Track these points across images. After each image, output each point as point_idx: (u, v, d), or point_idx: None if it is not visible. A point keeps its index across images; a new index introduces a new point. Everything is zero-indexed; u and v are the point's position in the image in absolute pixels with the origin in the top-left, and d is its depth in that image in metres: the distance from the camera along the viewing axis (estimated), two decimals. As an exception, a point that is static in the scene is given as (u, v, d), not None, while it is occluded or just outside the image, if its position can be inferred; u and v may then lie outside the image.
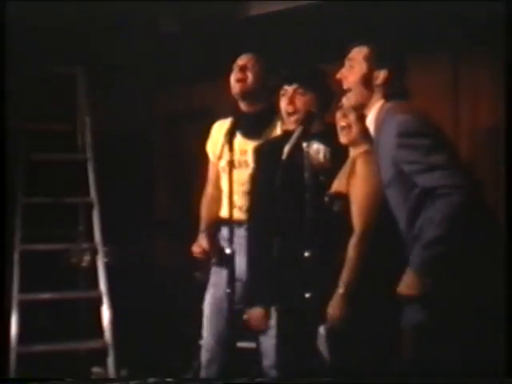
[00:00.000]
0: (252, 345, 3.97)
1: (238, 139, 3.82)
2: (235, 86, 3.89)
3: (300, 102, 3.56)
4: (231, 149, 3.63)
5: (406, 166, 2.93)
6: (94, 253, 4.72)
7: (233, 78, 3.92)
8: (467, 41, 4.53)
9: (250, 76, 3.88)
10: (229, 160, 3.70)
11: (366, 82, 3.10)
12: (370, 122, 3.11)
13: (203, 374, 3.90)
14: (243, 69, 3.89)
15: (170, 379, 3.57)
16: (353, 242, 3.25)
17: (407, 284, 2.90)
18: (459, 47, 4.67)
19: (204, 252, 3.94)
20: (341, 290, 3.21)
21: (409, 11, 4.29)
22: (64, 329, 4.77)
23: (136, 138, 5.58)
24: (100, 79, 5.12)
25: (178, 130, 5.75)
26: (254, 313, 3.59)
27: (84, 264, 4.93)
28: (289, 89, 3.58)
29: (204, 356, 3.91)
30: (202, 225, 4.02)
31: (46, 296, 4.57)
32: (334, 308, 3.22)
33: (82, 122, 4.94)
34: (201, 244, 3.95)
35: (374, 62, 3.09)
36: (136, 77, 5.48)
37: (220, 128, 4.01)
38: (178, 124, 5.77)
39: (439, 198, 2.83)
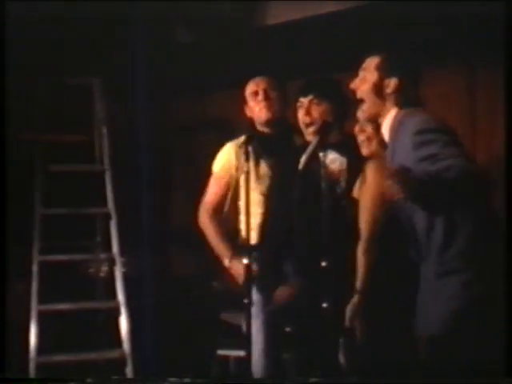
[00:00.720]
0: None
1: (254, 158, 3.82)
2: (262, 113, 3.85)
3: (316, 112, 3.58)
4: (247, 159, 3.65)
5: (423, 162, 2.87)
6: (112, 263, 4.73)
7: (256, 105, 3.87)
8: (481, 46, 4.53)
9: (274, 103, 3.85)
10: (246, 171, 3.71)
11: (378, 90, 3.10)
12: (385, 129, 3.11)
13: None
14: (266, 96, 3.85)
15: (188, 379, 3.57)
16: (360, 248, 3.26)
17: None
18: (473, 54, 4.66)
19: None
20: (357, 299, 3.22)
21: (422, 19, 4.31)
22: (82, 339, 4.78)
23: (153, 148, 5.59)
24: (116, 90, 5.14)
25: (194, 140, 5.77)
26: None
27: (102, 274, 4.96)
28: (304, 100, 3.61)
29: None
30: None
31: (65, 306, 4.59)
32: (351, 317, 3.22)
33: (99, 133, 4.97)
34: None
35: (384, 71, 3.09)
36: (151, 87, 5.50)
37: (233, 147, 3.99)
38: (194, 134, 5.78)
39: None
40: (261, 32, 4.90)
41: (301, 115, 3.61)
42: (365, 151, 3.40)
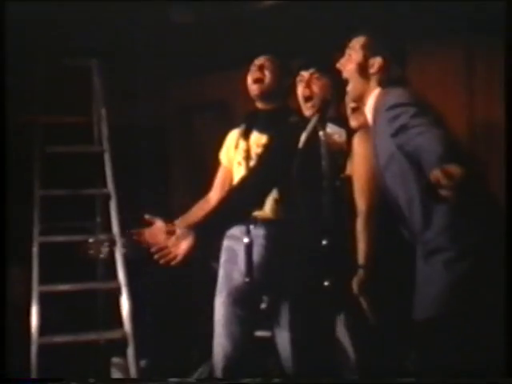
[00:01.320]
0: (268, 334, 3.97)
1: (254, 135, 3.85)
2: (253, 87, 3.90)
3: (316, 86, 3.61)
4: (248, 137, 3.67)
5: (397, 137, 2.88)
6: (112, 244, 4.74)
7: (250, 78, 3.92)
8: (480, 27, 4.53)
9: (267, 75, 3.89)
10: (245, 149, 3.73)
11: (362, 70, 3.10)
12: (369, 108, 3.12)
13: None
14: (261, 68, 3.89)
15: (190, 379, 3.58)
16: (359, 223, 3.25)
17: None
18: (472, 34, 4.66)
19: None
20: (361, 273, 3.23)
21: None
22: (84, 320, 4.80)
23: (151, 129, 5.59)
24: (115, 71, 5.14)
25: (192, 120, 5.77)
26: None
27: (102, 255, 4.96)
28: (305, 74, 3.64)
29: (219, 357, 3.83)
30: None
31: (66, 287, 4.59)
32: (357, 292, 3.22)
33: (98, 114, 4.96)
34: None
35: (369, 51, 3.10)
36: (150, 68, 5.50)
37: (235, 135, 4.02)
38: (192, 115, 5.78)
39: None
40: (257, 13, 4.90)
41: (301, 89, 3.63)
42: (353, 123, 3.41)
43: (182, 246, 3.33)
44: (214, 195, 4.04)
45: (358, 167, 3.30)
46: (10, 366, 3.66)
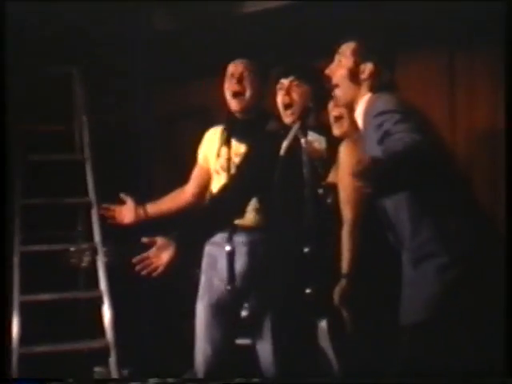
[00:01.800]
0: (249, 341, 3.96)
1: (233, 144, 3.84)
2: (233, 102, 3.87)
3: (296, 93, 3.60)
4: (229, 146, 3.66)
5: (382, 143, 2.85)
6: (94, 253, 4.71)
7: (229, 91, 3.89)
8: (465, 34, 4.54)
9: (247, 88, 3.86)
10: (227, 158, 3.72)
11: (353, 76, 3.09)
12: (359, 114, 3.11)
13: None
14: (240, 81, 3.87)
15: (171, 379, 3.57)
16: (345, 231, 3.25)
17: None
18: (456, 41, 4.67)
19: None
20: (343, 282, 3.22)
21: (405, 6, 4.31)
22: (65, 329, 4.76)
23: (134, 137, 5.56)
24: (96, 78, 5.11)
25: (176, 128, 5.75)
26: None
27: (84, 264, 4.93)
28: (285, 81, 3.62)
29: (200, 361, 3.85)
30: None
31: (47, 297, 4.56)
32: (338, 300, 3.21)
33: (79, 122, 4.93)
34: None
35: (360, 56, 3.09)
36: (132, 75, 5.48)
37: (214, 134, 4.01)
38: (176, 122, 5.76)
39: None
40: (241, 20, 4.89)
41: (280, 96, 3.62)
42: (336, 131, 3.42)
43: (164, 257, 3.33)
44: (189, 187, 4.06)
45: (344, 176, 3.29)
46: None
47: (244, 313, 3.81)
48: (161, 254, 3.33)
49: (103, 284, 4.58)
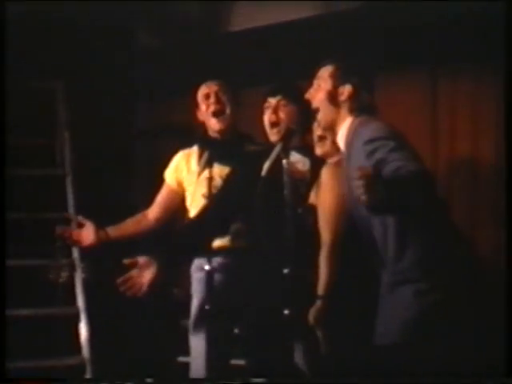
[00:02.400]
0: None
1: (214, 165, 3.82)
2: (214, 122, 3.87)
3: (283, 113, 3.67)
4: (210, 168, 3.67)
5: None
6: (72, 269, 4.68)
7: (209, 111, 3.89)
8: (447, 56, 4.57)
9: (227, 107, 3.87)
10: (208, 179, 3.71)
11: (332, 98, 3.13)
12: (341, 138, 3.13)
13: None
14: (218, 99, 3.87)
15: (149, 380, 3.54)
16: (323, 252, 3.27)
17: None
18: (438, 62, 4.70)
19: None
20: (319, 304, 3.22)
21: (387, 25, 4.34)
22: (41, 345, 4.72)
23: (115, 153, 5.54)
24: (79, 93, 5.10)
25: (156, 145, 5.73)
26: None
27: (62, 280, 4.90)
28: (273, 101, 3.69)
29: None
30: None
31: (24, 312, 4.52)
32: (313, 322, 3.22)
33: (61, 137, 4.91)
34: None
35: (338, 79, 3.13)
36: (114, 91, 5.47)
37: (188, 156, 3.99)
38: (157, 139, 5.75)
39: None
40: (224, 39, 4.91)
41: (267, 115, 3.69)
42: (318, 151, 3.44)
43: (146, 276, 3.33)
44: (153, 212, 4.02)
45: (324, 198, 3.31)
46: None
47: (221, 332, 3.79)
48: (143, 274, 3.33)
49: (80, 300, 4.55)
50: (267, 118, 3.69)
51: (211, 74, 4.03)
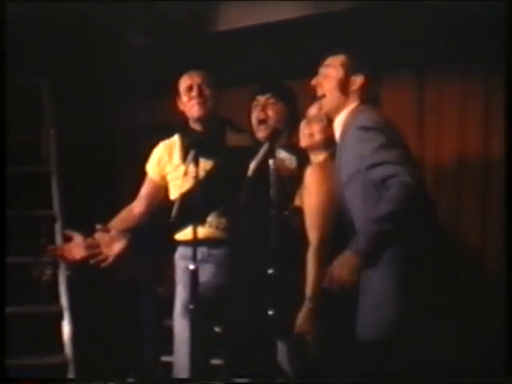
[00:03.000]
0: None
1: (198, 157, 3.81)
2: (194, 110, 3.86)
3: (272, 110, 3.70)
4: (196, 164, 3.64)
5: (359, 159, 2.98)
6: (56, 267, 4.66)
7: (189, 100, 3.89)
8: (434, 57, 4.58)
9: (209, 97, 3.87)
10: (195, 176, 3.69)
11: (342, 86, 3.18)
12: (338, 124, 3.15)
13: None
14: (200, 91, 3.87)
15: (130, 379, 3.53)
16: (310, 254, 3.27)
17: (342, 265, 2.89)
18: (425, 63, 4.71)
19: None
20: (307, 305, 3.21)
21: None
22: (24, 344, 4.69)
23: (100, 151, 5.53)
24: (64, 91, 5.08)
25: (141, 143, 5.72)
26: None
27: (45, 278, 4.88)
28: (262, 98, 3.72)
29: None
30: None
31: (6, 310, 4.48)
32: (302, 323, 3.21)
33: (46, 134, 4.89)
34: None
35: (351, 68, 3.19)
36: (100, 89, 5.45)
37: (166, 148, 3.98)
38: (141, 137, 5.73)
39: (389, 187, 2.84)
40: (211, 38, 4.89)
41: (256, 112, 3.71)
42: (303, 143, 3.44)
43: (115, 248, 3.33)
44: (137, 206, 4.00)
45: (309, 199, 3.32)
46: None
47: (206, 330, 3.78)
48: (112, 246, 3.33)
49: (64, 298, 4.53)
50: (255, 115, 3.72)
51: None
